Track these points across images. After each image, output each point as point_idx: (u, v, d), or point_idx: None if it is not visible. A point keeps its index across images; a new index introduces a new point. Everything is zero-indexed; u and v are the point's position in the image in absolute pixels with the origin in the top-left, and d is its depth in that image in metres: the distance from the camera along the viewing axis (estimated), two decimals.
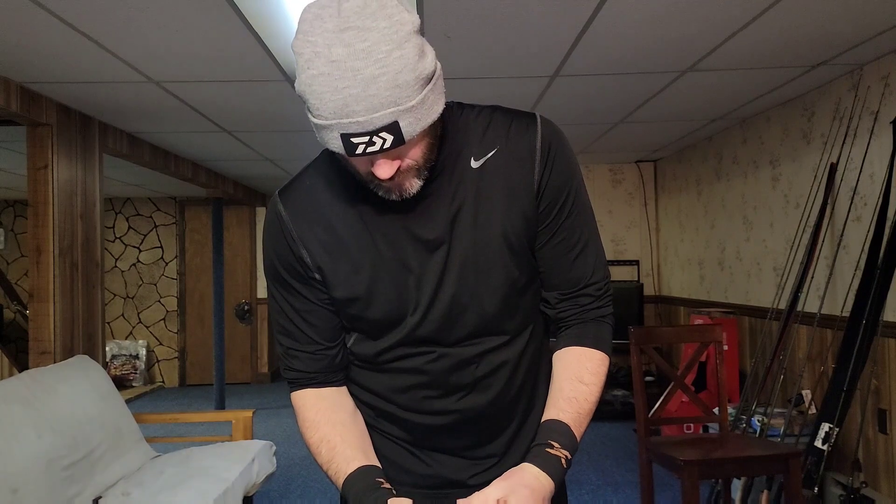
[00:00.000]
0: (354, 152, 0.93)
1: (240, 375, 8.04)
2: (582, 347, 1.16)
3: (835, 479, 3.18)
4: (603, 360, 1.16)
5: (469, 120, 1.12)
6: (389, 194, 1.03)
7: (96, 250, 3.95)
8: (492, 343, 1.16)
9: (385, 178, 0.98)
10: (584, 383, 1.12)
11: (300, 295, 1.16)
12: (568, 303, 1.17)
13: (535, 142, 1.10)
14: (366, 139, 0.91)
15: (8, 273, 7.70)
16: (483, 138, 1.11)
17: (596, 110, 4.21)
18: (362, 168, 1.01)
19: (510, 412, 1.21)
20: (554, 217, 1.12)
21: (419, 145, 0.99)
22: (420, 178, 1.03)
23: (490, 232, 1.10)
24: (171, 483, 2.89)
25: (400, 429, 1.21)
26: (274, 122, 4.29)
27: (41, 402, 2.82)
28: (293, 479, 4.36)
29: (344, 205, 1.12)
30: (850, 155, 3.39)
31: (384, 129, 0.91)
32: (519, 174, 1.10)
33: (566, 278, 1.16)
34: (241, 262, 8.12)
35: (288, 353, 1.20)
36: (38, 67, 3.05)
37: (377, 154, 0.94)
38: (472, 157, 1.10)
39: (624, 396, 5.67)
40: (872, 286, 2.99)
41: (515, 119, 1.13)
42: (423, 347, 1.15)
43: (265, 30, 2.67)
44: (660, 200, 6.36)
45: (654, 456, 2.81)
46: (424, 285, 1.11)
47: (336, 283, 1.13)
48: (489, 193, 1.10)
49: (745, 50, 3.03)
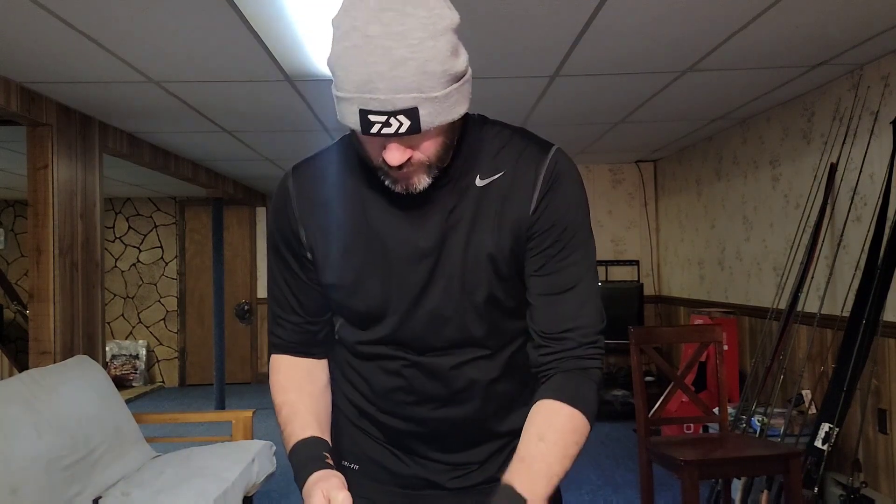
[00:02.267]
0: (369, 130, 0.93)
1: (240, 375, 8.04)
2: (555, 401, 1.05)
3: (835, 479, 3.17)
4: (575, 416, 1.04)
5: (487, 136, 1.11)
6: (396, 186, 1.02)
7: (96, 250, 3.95)
8: (471, 355, 1.14)
9: (394, 165, 0.97)
10: (543, 441, 1.02)
11: (292, 270, 1.18)
12: (550, 345, 1.08)
13: (540, 172, 1.08)
14: (383, 119, 0.91)
15: (8, 273, 7.70)
16: (494, 158, 1.10)
17: (596, 110, 4.21)
18: (374, 153, 1.00)
19: (489, 428, 1.19)
20: (544, 250, 1.08)
21: (434, 141, 0.99)
22: (429, 175, 1.02)
23: (480, 252, 1.08)
24: (172, 483, 2.89)
25: (379, 430, 1.22)
26: (274, 122, 4.29)
27: (41, 402, 2.82)
28: (293, 479, 4.36)
29: (350, 192, 1.12)
30: (850, 155, 3.39)
31: (403, 112, 0.91)
32: (517, 201, 1.08)
33: (550, 317, 1.08)
34: (241, 262, 8.12)
35: (275, 320, 1.23)
36: (38, 67, 3.05)
37: (391, 138, 0.94)
38: (479, 176, 1.09)
39: (624, 396, 5.67)
40: (872, 286, 2.99)
41: (530, 146, 1.11)
42: (401, 351, 1.14)
43: (265, 30, 2.67)
44: (660, 200, 6.36)
45: (654, 456, 2.81)
46: (405, 292, 1.11)
47: (325, 266, 1.14)
48: (486, 214, 1.08)
49: (745, 50, 3.03)
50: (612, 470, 4.31)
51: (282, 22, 2.60)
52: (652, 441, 2.86)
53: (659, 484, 3.87)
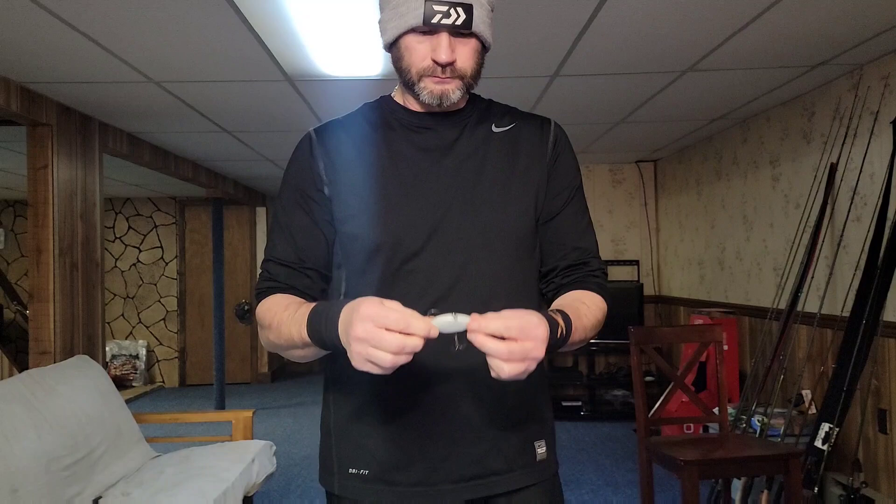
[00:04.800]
0: (431, 21, 1.08)
1: (240, 375, 8.04)
2: (587, 291, 1.23)
3: (835, 479, 3.18)
4: (601, 302, 1.22)
5: (493, 103, 1.31)
6: (434, 99, 1.15)
7: (96, 250, 3.95)
8: (484, 300, 1.15)
9: (443, 61, 1.10)
10: (584, 304, 1.18)
11: (303, 211, 1.22)
12: (573, 270, 1.25)
13: (548, 131, 1.28)
14: (444, 9, 1.08)
15: (8, 273, 7.70)
16: (503, 116, 1.28)
17: (596, 110, 4.21)
18: (420, 57, 1.13)
19: (499, 396, 1.20)
20: (562, 190, 1.26)
21: (472, 55, 1.15)
22: (461, 89, 1.16)
23: (511, 192, 1.21)
24: (171, 483, 2.89)
25: (393, 414, 1.19)
26: (274, 122, 4.29)
27: (41, 402, 2.83)
28: (293, 479, 4.36)
29: (375, 138, 1.23)
30: (850, 155, 3.39)
31: (462, 5, 1.09)
32: (533, 150, 1.26)
33: (575, 246, 1.26)
34: (241, 262, 8.12)
35: (268, 263, 1.23)
36: (38, 67, 3.05)
37: (448, 29, 1.09)
38: (494, 125, 1.26)
39: (624, 396, 5.67)
40: (872, 286, 2.99)
41: (529, 114, 1.31)
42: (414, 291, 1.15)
43: (265, 30, 2.67)
44: (660, 200, 6.36)
45: (654, 456, 2.81)
46: (425, 226, 1.17)
47: (343, 195, 1.19)
48: (509, 153, 1.24)
49: (745, 50, 3.03)
50: (612, 470, 4.31)
51: (282, 22, 2.60)
52: (652, 441, 2.86)
53: (659, 484, 3.87)
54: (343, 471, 1.21)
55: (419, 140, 1.21)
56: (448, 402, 1.18)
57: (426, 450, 1.18)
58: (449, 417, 1.18)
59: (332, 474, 1.23)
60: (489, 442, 1.20)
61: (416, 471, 1.18)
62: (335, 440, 1.23)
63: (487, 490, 1.21)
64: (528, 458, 1.24)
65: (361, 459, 1.20)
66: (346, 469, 1.21)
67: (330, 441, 1.24)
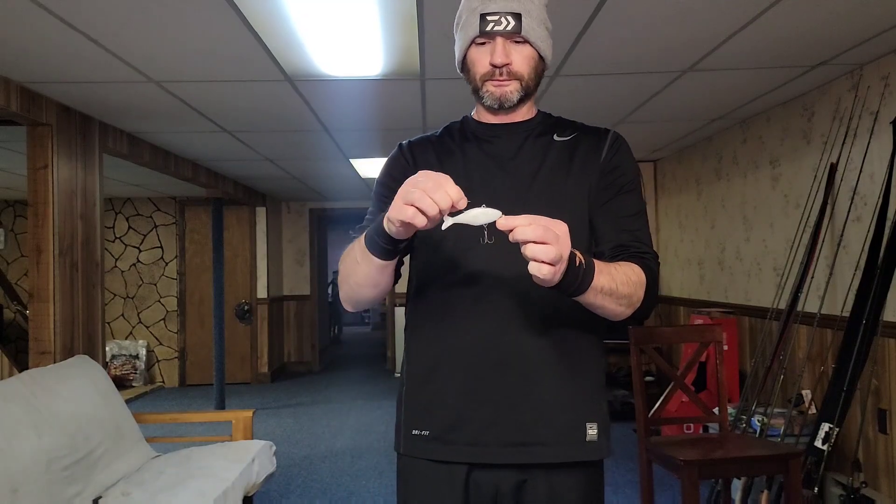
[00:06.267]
0: (486, 29, 1.26)
1: (240, 375, 8.04)
2: (624, 262, 1.29)
3: (835, 479, 3.18)
4: (640, 273, 1.27)
5: (560, 119, 1.45)
6: (494, 101, 1.32)
7: (96, 250, 3.95)
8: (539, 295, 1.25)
9: (498, 63, 1.27)
10: (617, 264, 1.25)
11: (384, 204, 1.33)
12: (622, 248, 1.32)
13: (605, 138, 1.40)
14: (496, 17, 1.26)
15: (8, 273, 7.70)
16: (567, 128, 1.42)
17: (596, 110, 4.21)
18: (482, 63, 1.30)
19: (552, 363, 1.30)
20: (617, 179, 1.35)
21: (527, 61, 1.30)
22: (519, 90, 1.31)
23: (564, 190, 1.34)
24: (171, 483, 2.89)
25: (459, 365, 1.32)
26: (274, 122, 4.29)
27: (41, 402, 2.83)
28: (293, 479, 4.36)
29: (453, 147, 1.42)
30: (850, 155, 3.39)
31: (511, 14, 1.26)
32: (589, 153, 1.37)
33: (625, 229, 1.34)
34: (241, 262, 8.12)
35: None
36: (38, 67, 3.05)
37: (500, 34, 1.26)
38: (556, 134, 1.40)
39: (624, 396, 5.67)
40: (872, 286, 2.99)
41: (595, 127, 1.43)
42: (479, 286, 1.31)
43: (265, 30, 2.67)
44: (660, 200, 6.36)
45: (654, 456, 2.81)
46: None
47: None
48: (566, 159, 1.36)
49: (745, 50, 3.03)
50: (612, 470, 4.31)
51: (282, 22, 2.60)
52: (652, 441, 2.86)
53: (659, 484, 3.87)
54: (408, 433, 1.37)
55: (489, 148, 1.38)
56: (504, 372, 1.29)
57: (479, 413, 1.30)
58: (503, 385, 1.29)
59: (400, 437, 1.41)
60: (538, 412, 1.29)
61: (468, 431, 1.31)
62: (404, 409, 1.40)
63: (530, 457, 1.29)
64: (577, 435, 1.31)
65: (423, 422, 1.36)
66: (410, 431, 1.37)
67: (401, 410, 1.41)
